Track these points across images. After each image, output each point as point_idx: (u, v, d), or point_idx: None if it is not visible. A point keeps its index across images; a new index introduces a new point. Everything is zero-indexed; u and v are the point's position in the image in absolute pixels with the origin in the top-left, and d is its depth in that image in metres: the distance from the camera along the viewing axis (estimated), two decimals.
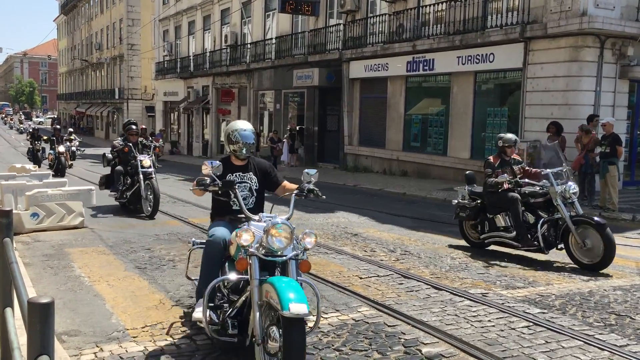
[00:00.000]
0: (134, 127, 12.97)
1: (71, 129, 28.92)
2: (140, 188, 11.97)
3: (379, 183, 18.67)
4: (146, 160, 12.23)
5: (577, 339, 5.05)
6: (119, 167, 12.58)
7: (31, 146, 25.44)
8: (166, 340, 5.02)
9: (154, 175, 12.07)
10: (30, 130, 27.13)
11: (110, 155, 13.16)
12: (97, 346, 4.89)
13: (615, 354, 4.74)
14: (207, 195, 5.26)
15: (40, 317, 2.37)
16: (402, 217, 12.15)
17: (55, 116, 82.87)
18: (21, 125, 64.16)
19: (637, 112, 16.28)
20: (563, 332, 5.19)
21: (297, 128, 26.75)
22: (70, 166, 23.17)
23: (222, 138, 7.46)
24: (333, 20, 24.73)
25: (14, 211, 9.74)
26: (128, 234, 9.92)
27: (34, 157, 25.05)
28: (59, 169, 20.62)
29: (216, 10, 34.38)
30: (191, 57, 37.19)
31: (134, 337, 5.08)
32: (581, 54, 14.83)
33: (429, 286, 6.68)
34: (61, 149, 21.02)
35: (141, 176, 12.04)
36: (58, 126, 31.25)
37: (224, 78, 33.32)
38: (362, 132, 23.37)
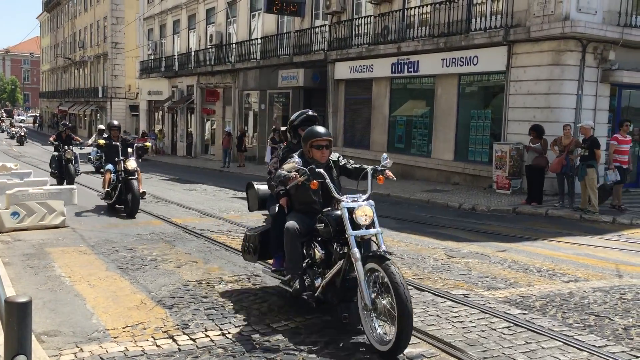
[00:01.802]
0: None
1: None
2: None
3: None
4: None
5: (556, 339, 5.10)
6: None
7: (57, 152, 16.57)
8: (147, 340, 4.99)
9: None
10: (59, 130, 17.94)
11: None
12: (77, 346, 4.85)
13: (594, 354, 4.80)
14: (190, 194, 5.25)
15: (17, 316, 2.36)
16: (385, 218, 12.15)
17: (38, 114, 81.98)
18: (12, 129, 56.08)
19: (618, 116, 16.47)
20: (543, 333, 5.24)
21: (282, 128, 26.66)
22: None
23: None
24: (319, 21, 24.75)
25: None
26: (110, 234, 9.85)
27: (62, 170, 16.19)
28: (126, 202, 12.03)
29: (201, 10, 34.25)
30: (176, 57, 37.01)
31: (115, 338, 5.04)
32: (563, 58, 14.99)
33: (411, 287, 6.70)
34: (131, 165, 12.04)
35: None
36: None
37: (209, 78, 33.20)
38: (346, 133, 23.40)
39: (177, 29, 37.83)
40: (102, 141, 12.94)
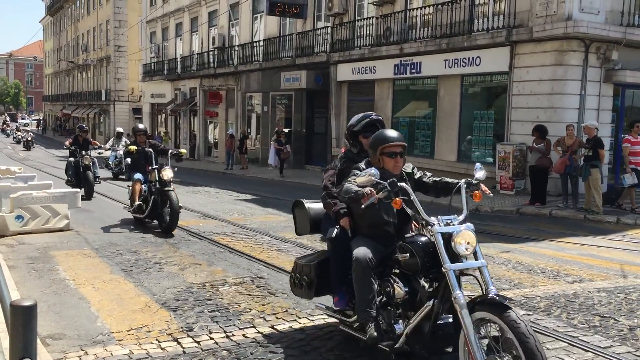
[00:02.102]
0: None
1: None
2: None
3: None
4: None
5: (561, 340, 5.09)
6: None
7: (73, 158, 15.62)
8: (152, 343, 4.99)
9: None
10: (75, 133, 16.36)
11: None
12: (81, 349, 4.85)
13: (599, 355, 4.78)
14: (193, 197, 5.23)
15: (22, 320, 2.36)
16: None
17: (42, 118, 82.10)
18: (19, 134, 52.76)
19: (622, 116, 16.45)
20: (548, 334, 5.23)
21: (285, 130, 26.72)
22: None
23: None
24: (321, 23, 24.77)
25: None
26: (114, 237, 9.86)
27: (80, 178, 15.25)
28: (161, 216, 10.58)
29: (204, 12, 34.30)
30: (178, 59, 37.05)
31: (119, 341, 5.05)
32: (566, 58, 14.96)
33: None
34: (168, 175, 10.49)
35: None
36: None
37: (212, 80, 33.24)
38: None
39: (180, 31, 37.90)
40: (133, 147, 11.13)
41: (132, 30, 47.94)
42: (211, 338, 5.11)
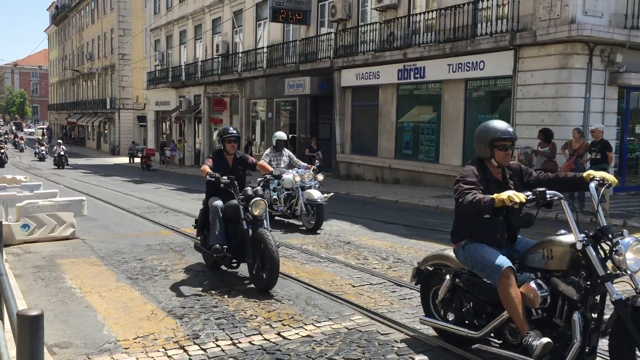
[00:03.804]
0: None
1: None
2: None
3: (371, 191, 18.69)
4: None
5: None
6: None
7: (219, 202, 7.70)
8: (158, 351, 4.99)
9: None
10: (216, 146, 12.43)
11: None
12: (88, 358, 4.85)
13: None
14: (199, 204, 5.24)
15: (29, 329, 2.36)
16: (394, 225, 12.17)
17: (46, 127, 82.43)
18: (41, 148, 43.67)
19: (627, 118, 16.41)
20: None
21: (290, 136, 26.76)
22: None
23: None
24: (324, 29, 24.82)
25: (4, 222, 9.70)
26: (120, 245, 9.88)
27: (240, 244, 7.68)
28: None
29: (207, 20, 34.44)
30: (183, 67, 37.20)
31: (126, 349, 5.05)
32: (570, 61, 14.95)
33: None
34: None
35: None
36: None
37: (216, 87, 33.33)
38: (354, 140, 23.41)
39: (184, 39, 38.06)
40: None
41: (136, 38, 48.19)
42: (217, 345, 5.10)
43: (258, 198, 7.07)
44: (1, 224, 4.98)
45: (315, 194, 11.03)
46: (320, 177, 11.88)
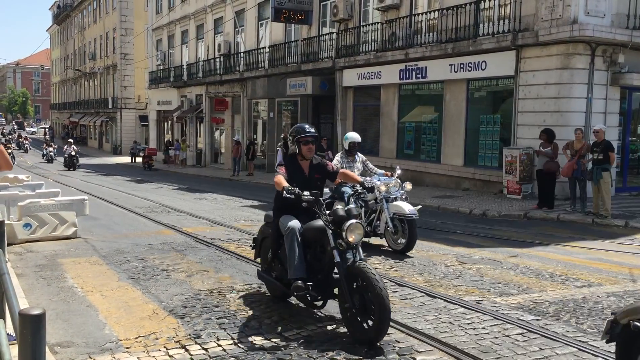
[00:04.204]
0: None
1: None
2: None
3: None
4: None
5: (571, 345, 5.06)
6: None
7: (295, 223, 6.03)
8: (159, 350, 4.99)
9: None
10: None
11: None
12: (89, 357, 4.86)
13: None
14: (200, 203, 5.25)
15: (31, 328, 2.37)
16: None
17: (49, 126, 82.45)
18: (49, 150, 41.23)
19: (629, 119, 16.39)
20: (557, 339, 5.20)
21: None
22: None
23: None
24: (326, 28, 24.83)
25: (6, 222, 9.71)
26: (121, 244, 9.89)
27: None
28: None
29: (209, 20, 34.45)
30: (184, 66, 37.22)
31: (127, 348, 5.05)
32: (572, 62, 14.93)
33: (423, 294, 6.68)
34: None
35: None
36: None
37: (218, 87, 33.35)
38: None
39: (186, 39, 38.08)
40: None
41: (138, 38, 48.23)
42: (219, 345, 5.10)
43: (354, 221, 5.32)
44: (3, 223, 4.98)
45: (406, 207, 8.99)
46: (408, 186, 9.60)
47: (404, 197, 9.55)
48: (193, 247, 9.64)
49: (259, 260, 6.77)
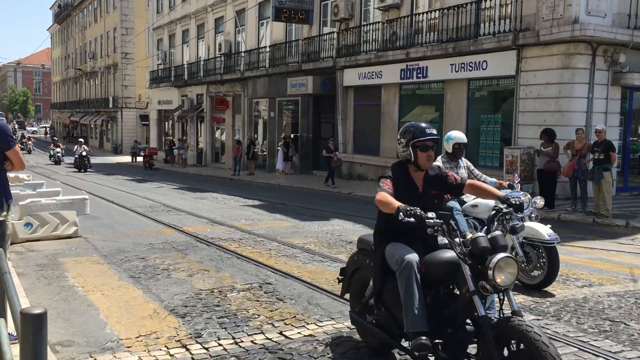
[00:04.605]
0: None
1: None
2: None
3: (373, 191, 18.60)
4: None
5: (572, 345, 5.06)
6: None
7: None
8: (160, 350, 4.99)
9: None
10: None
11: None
12: (90, 356, 4.86)
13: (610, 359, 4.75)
14: (201, 203, 5.24)
15: (32, 327, 2.37)
16: None
17: (50, 125, 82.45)
18: (57, 150, 38.69)
19: (629, 119, 16.39)
20: (558, 339, 5.19)
21: (292, 136, 26.79)
22: None
23: None
24: (327, 28, 24.83)
25: (7, 221, 9.69)
26: (122, 243, 9.89)
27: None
28: None
29: (210, 19, 34.45)
30: (185, 66, 37.23)
31: (128, 347, 5.06)
32: (573, 61, 14.92)
33: None
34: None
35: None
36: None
37: (218, 86, 33.35)
38: (356, 140, 23.41)
39: (186, 38, 38.09)
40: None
41: (139, 37, 48.24)
42: (220, 344, 5.11)
43: (503, 255, 3.79)
44: (5, 222, 4.98)
45: (543, 230, 6.95)
46: (540, 202, 7.41)
47: (533, 215, 7.44)
48: (194, 247, 9.64)
49: (347, 296, 5.22)
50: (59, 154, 38.25)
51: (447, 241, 4.03)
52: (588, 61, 14.96)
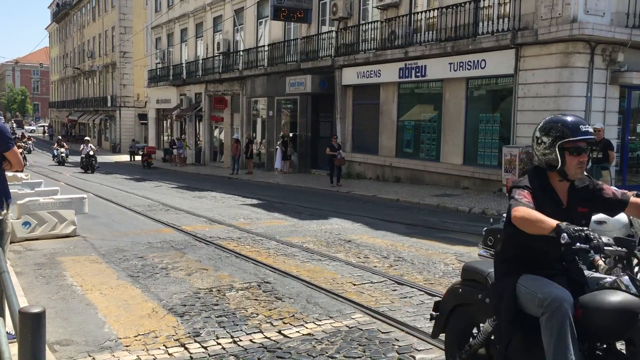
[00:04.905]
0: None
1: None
2: None
3: (372, 189, 18.70)
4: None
5: None
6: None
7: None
8: (159, 349, 4.99)
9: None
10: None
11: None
12: (89, 355, 4.86)
13: None
14: (199, 202, 5.24)
15: (31, 327, 2.36)
16: (395, 224, 12.16)
17: (48, 124, 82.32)
18: (61, 150, 37.38)
19: (628, 118, 16.40)
20: None
21: (290, 135, 26.78)
22: None
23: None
24: (325, 27, 24.82)
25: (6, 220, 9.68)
26: (121, 242, 9.88)
27: None
28: None
29: (208, 18, 34.42)
30: (184, 65, 37.21)
31: (127, 346, 5.05)
32: (572, 60, 14.93)
33: (423, 292, 6.68)
34: None
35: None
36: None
37: (217, 85, 33.33)
38: (355, 139, 23.41)
39: (185, 37, 38.05)
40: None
41: (137, 36, 48.18)
42: (218, 343, 5.11)
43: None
44: (4, 221, 4.97)
45: None
46: None
47: None
48: (192, 246, 9.64)
49: (442, 337, 4.09)
50: (63, 154, 37.03)
51: (603, 276, 3.06)
52: (586, 60, 14.96)
